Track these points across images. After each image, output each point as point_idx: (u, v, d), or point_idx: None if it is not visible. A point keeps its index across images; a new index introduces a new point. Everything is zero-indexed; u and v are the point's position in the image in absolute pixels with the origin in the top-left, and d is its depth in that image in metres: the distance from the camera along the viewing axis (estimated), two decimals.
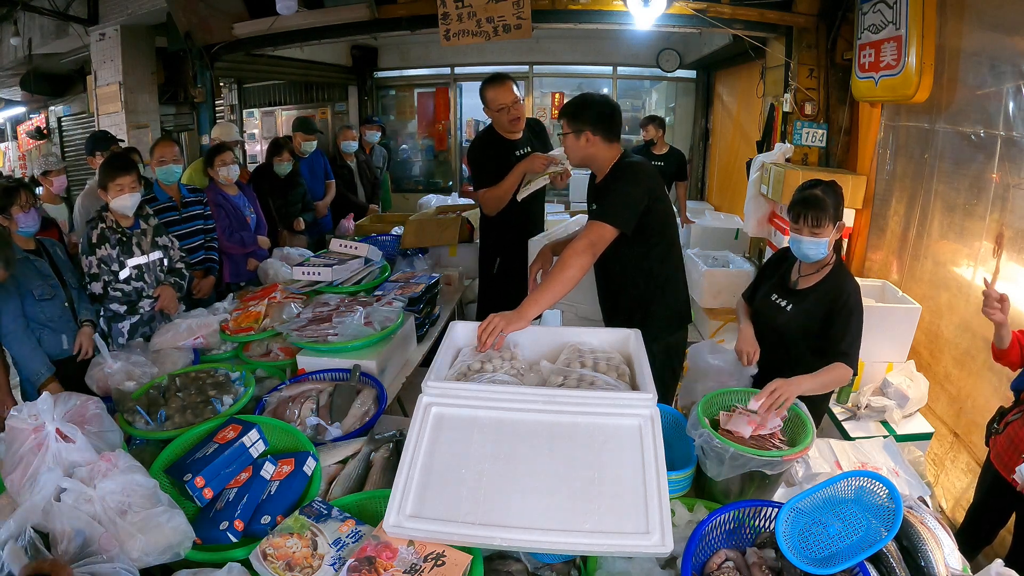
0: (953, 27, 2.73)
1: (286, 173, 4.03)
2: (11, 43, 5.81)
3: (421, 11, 4.11)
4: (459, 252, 3.55)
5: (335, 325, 2.14)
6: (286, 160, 4.00)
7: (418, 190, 7.82)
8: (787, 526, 1.21)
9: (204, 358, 2.26)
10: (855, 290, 1.88)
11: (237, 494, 1.36)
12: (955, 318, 2.67)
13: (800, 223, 1.85)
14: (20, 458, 1.31)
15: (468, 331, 1.70)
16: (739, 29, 3.96)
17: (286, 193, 4.06)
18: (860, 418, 2.66)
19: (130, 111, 5.18)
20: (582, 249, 1.87)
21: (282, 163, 3.99)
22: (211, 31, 4.65)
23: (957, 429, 2.64)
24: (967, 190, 2.63)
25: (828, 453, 1.73)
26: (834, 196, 1.85)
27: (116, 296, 2.51)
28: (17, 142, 8.25)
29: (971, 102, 2.63)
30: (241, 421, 1.57)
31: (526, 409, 1.33)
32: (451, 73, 7.61)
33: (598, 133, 2.02)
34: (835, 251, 1.94)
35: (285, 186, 4.05)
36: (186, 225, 3.09)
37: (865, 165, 3.51)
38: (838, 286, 1.88)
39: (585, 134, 2.02)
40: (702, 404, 1.51)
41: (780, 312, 1.99)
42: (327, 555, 1.18)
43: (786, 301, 1.98)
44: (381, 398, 1.88)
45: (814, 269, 1.94)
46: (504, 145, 2.90)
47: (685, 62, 6.81)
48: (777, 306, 2.00)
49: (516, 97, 2.81)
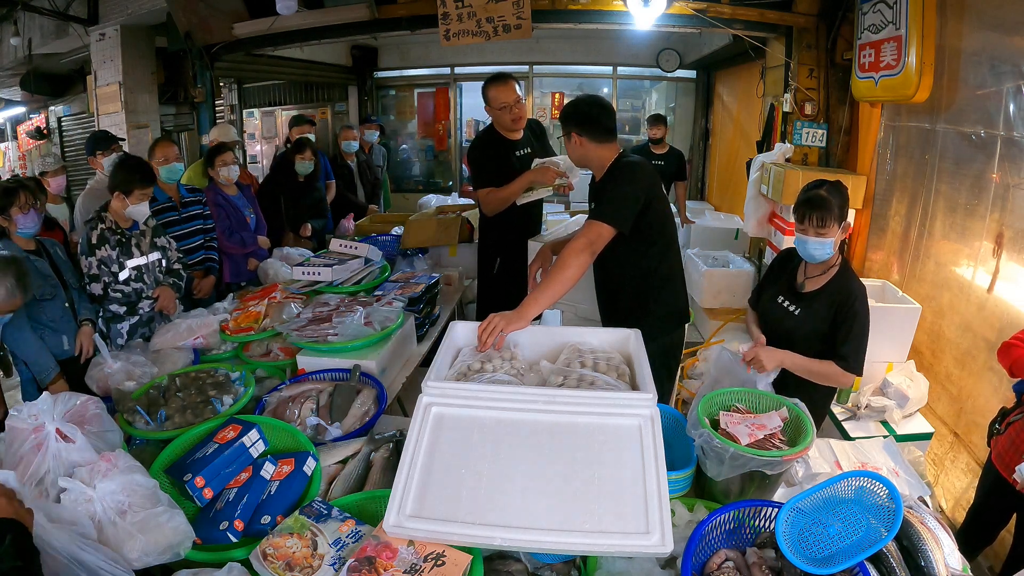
0: (953, 27, 2.73)
1: (307, 172, 4.01)
2: (11, 43, 5.81)
3: (421, 11, 4.11)
4: (459, 252, 3.55)
5: (335, 325, 2.14)
6: (308, 159, 3.99)
7: (418, 190, 7.82)
8: (787, 526, 1.21)
9: (204, 358, 2.26)
10: (862, 294, 1.88)
11: (237, 494, 1.36)
12: (957, 318, 2.67)
13: (805, 224, 1.85)
14: (20, 458, 1.31)
15: (468, 331, 1.70)
16: (739, 29, 3.96)
17: (302, 195, 4.04)
18: (860, 418, 2.66)
19: (130, 111, 5.18)
20: (581, 248, 1.88)
21: (304, 161, 3.98)
22: (211, 31, 4.65)
23: (958, 429, 2.64)
24: (968, 190, 2.63)
25: (828, 453, 1.73)
26: (839, 196, 1.84)
27: (116, 297, 2.50)
28: (17, 142, 8.24)
29: (971, 102, 2.63)
30: (241, 421, 1.57)
31: (526, 409, 1.33)
32: (451, 73, 7.62)
33: (584, 134, 2.03)
34: (840, 252, 1.94)
35: (302, 188, 4.04)
36: (185, 225, 3.09)
37: (865, 165, 3.51)
38: (845, 288, 1.88)
39: (573, 136, 2.05)
40: (702, 404, 1.51)
41: (788, 316, 1.98)
42: (327, 555, 1.18)
43: (794, 304, 1.98)
44: (381, 398, 1.88)
45: (820, 271, 1.94)
46: (504, 145, 2.90)
47: (685, 62, 6.81)
48: (785, 309, 2.00)
49: (519, 96, 2.82)
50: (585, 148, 2.05)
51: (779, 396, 1.57)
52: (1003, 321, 2.37)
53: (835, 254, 1.90)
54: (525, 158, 2.91)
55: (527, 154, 2.93)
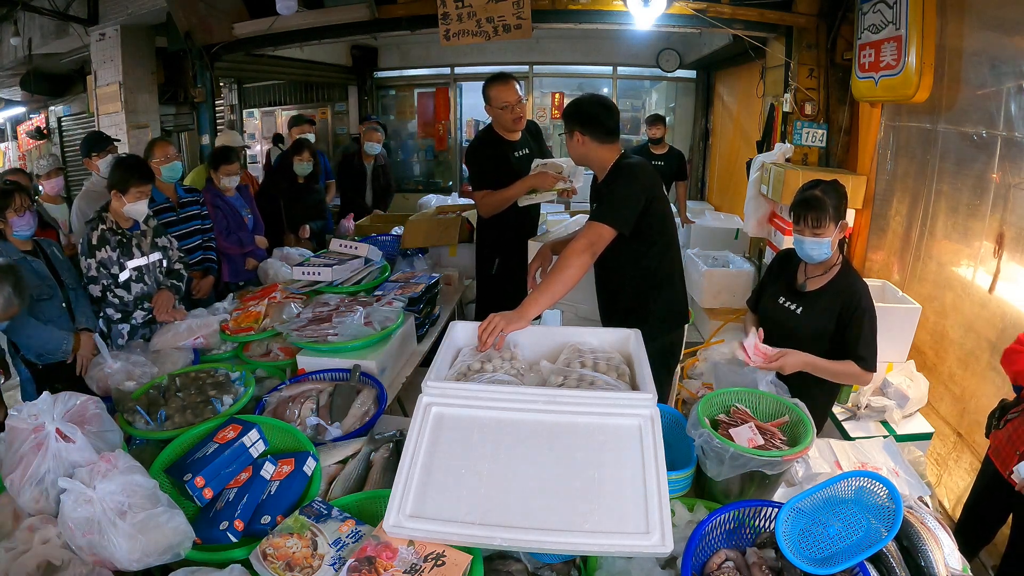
0: (954, 27, 2.73)
1: (306, 174, 4.00)
2: (11, 43, 5.81)
3: (421, 11, 4.11)
4: (459, 252, 3.56)
5: (335, 325, 2.14)
6: (306, 160, 3.97)
7: (418, 190, 7.82)
8: (787, 526, 1.21)
9: (204, 358, 2.26)
10: (866, 291, 1.89)
11: (237, 494, 1.36)
12: (960, 318, 2.67)
13: (801, 224, 1.86)
14: (20, 458, 1.30)
15: (468, 331, 1.70)
16: (739, 29, 3.96)
17: (301, 197, 4.03)
18: (860, 418, 2.66)
19: (130, 111, 5.18)
20: (581, 249, 1.88)
21: (302, 163, 3.96)
22: (211, 31, 4.65)
23: (960, 429, 2.64)
24: (970, 190, 2.63)
25: (828, 453, 1.73)
26: (835, 196, 1.85)
27: (113, 303, 2.49)
28: (17, 142, 8.24)
29: (971, 102, 2.63)
30: (241, 421, 1.57)
31: (526, 409, 1.33)
32: (451, 73, 7.62)
33: (587, 133, 2.03)
34: (840, 250, 1.95)
35: (302, 189, 4.02)
36: (183, 225, 3.08)
37: (865, 165, 3.51)
38: (849, 287, 1.89)
39: (575, 134, 2.04)
40: (702, 404, 1.51)
41: (790, 316, 1.98)
42: (327, 555, 1.18)
43: (796, 304, 1.98)
44: (381, 398, 1.88)
45: (821, 270, 1.95)
46: (503, 145, 2.91)
47: (685, 62, 6.81)
48: (787, 310, 2.00)
49: (519, 96, 2.82)
50: (587, 147, 2.05)
51: (779, 396, 1.57)
52: (1005, 321, 2.37)
53: (835, 253, 1.91)
54: (524, 159, 2.91)
55: (526, 155, 2.93)
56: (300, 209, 4.05)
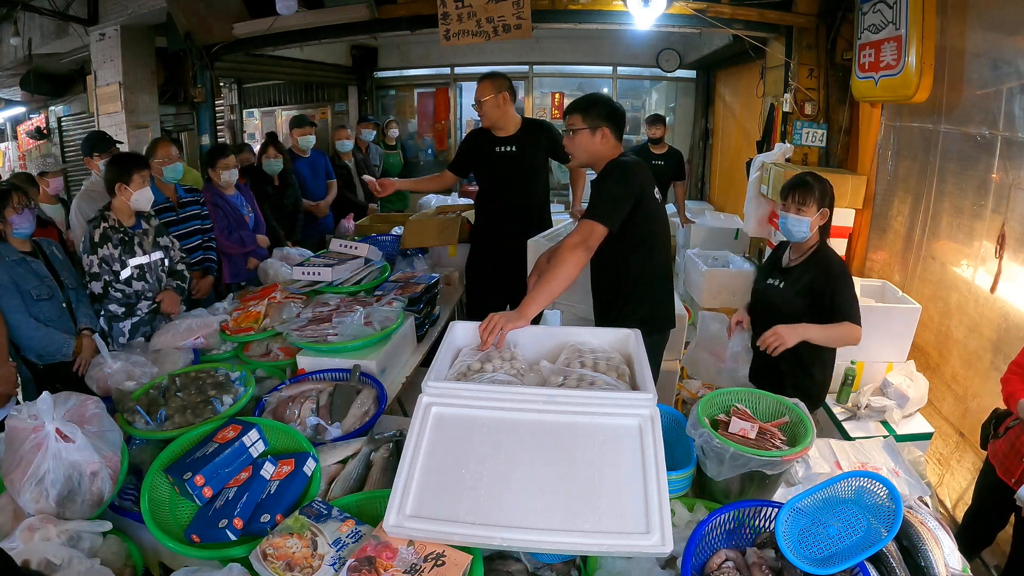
0: (954, 27, 2.73)
1: (276, 172, 3.87)
2: (11, 43, 5.80)
3: (421, 11, 4.11)
4: (459, 252, 3.55)
5: (335, 325, 2.14)
6: (272, 156, 3.84)
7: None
8: (787, 526, 1.21)
9: (204, 358, 2.26)
10: (839, 261, 2.08)
11: (237, 493, 1.36)
12: (964, 319, 2.66)
13: (788, 201, 2.06)
14: (20, 458, 1.31)
15: (468, 331, 1.70)
16: (739, 29, 3.96)
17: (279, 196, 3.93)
18: (860, 418, 2.66)
19: (130, 111, 5.17)
20: (575, 244, 1.88)
21: (269, 160, 3.84)
22: (211, 31, 4.65)
23: (963, 429, 2.64)
24: (973, 191, 2.63)
25: (828, 453, 1.73)
26: (821, 185, 2.04)
27: (116, 297, 2.50)
28: (17, 142, 8.24)
29: (972, 102, 2.63)
30: (241, 421, 1.57)
31: (526, 409, 1.33)
32: (451, 73, 7.61)
33: (613, 130, 2.05)
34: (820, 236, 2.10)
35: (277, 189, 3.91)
36: (183, 225, 3.08)
37: (865, 165, 3.51)
38: (825, 258, 2.07)
39: (602, 130, 2.03)
40: (702, 404, 1.51)
41: (775, 291, 2.16)
42: (327, 555, 1.18)
43: (779, 280, 2.17)
44: (381, 398, 1.88)
45: (801, 251, 2.13)
46: (487, 137, 3.02)
47: (685, 62, 6.80)
48: (771, 286, 2.18)
49: (486, 98, 2.89)
50: (606, 144, 2.05)
51: (779, 396, 1.57)
52: (1008, 322, 2.37)
53: (815, 235, 2.08)
54: (505, 155, 2.99)
55: (508, 151, 2.99)
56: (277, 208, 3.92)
